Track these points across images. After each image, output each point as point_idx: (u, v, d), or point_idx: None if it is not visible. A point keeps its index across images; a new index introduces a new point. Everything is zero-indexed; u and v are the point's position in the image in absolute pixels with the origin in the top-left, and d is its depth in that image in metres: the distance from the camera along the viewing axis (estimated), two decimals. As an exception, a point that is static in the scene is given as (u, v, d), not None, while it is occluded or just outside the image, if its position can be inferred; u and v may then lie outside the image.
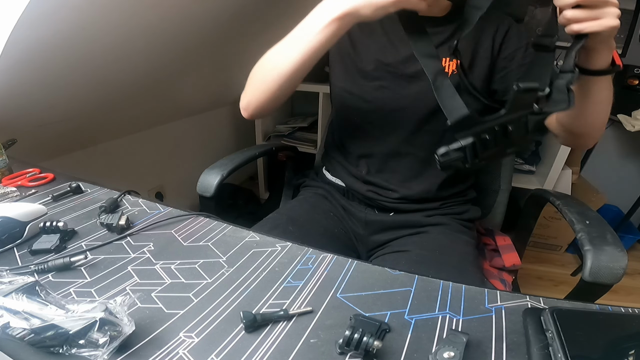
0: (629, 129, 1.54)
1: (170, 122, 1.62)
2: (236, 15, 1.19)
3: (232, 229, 0.57)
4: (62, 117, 1.02)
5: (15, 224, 0.50)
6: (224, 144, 2.05)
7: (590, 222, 0.57)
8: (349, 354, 0.35)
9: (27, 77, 0.80)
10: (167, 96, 1.40)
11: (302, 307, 0.41)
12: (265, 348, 0.36)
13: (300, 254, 0.51)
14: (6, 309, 0.33)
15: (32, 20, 0.66)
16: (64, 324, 0.32)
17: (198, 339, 0.37)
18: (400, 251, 0.71)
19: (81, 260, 0.46)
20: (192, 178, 0.77)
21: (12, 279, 0.37)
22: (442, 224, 0.75)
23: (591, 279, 0.50)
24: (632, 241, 1.82)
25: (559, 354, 0.33)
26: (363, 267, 0.49)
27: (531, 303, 0.43)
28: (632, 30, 1.70)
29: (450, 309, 0.42)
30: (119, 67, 1.00)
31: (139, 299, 0.41)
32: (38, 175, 0.69)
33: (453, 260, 0.66)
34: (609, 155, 1.94)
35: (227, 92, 1.85)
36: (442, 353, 0.33)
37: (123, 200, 0.64)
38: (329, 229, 0.76)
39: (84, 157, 1.26)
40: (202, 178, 0.75)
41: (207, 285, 0.44)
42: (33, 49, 0.74)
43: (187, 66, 1.29)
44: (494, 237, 0.85)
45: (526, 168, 1.69)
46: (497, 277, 0.76)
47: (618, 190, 1.91)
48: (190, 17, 1.01)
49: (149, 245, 0.51)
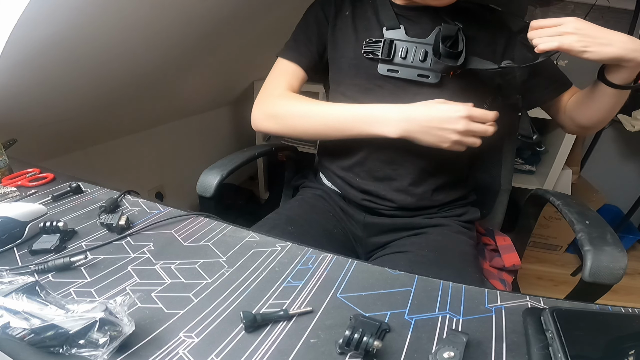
0: (629, 129, 1.54)
1: (170, 122, 1.62)
2: (236, 16, 1.19)
3: (232, 229, 0.57)
4: (62, 117, 1.02)
5: (15, 224, 0.50)
6: (224, 144, 2.05)
7: (590, 222, 0.57)
8: (349, 354, 0.35)
9: (27, 77, 0.80)
10: (167, 96, 1.40)
11: (302, 307, 0.41)
12: (265, 348, 0.36)
13: (300, 254, 0.51)
14: (6, 309, 0.33)
15: (32, 20, 0.66)
16: (64, 324, 0.32)
17: (198, 339, 0.37)
18: (400, 252, 0.70)
19: (81, 260, 0.46)
20: (192, 178, 0.77)
21: (12, 279, 0.37)
22: (442, 225, 0.75)
23: (591, 280, 0.50)
24: (632, 241, 1.82)
25: (559, 354, 0.33)
26: (363, 267, 0.49)
27: (531, 303, 0.43)
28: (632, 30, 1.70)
29: (450, 309, 0.42)
30: (119, 67, 1.00)
31: (139, 299, 0.41)
32: (38, 175, 0.69)
33: (453, 260, 0.66)
34: (609, 155, 1.94)
35: (227, 92, 1.85)
36: (442, 353, 0.33)
37: (123, 200, 0.64)
38: (328, 230, 0.76)
39: (84, 157, 1.26)
40: (201, 178, 0.75)
41: (207, 285, 0.44)
42: (33, 49, 0.74)
43: (187, 66, 1.29)
44: (494, 237, 0.85)
45: (526, 168, 1.70)
46: (497, 277, 0.76)
47: (618, 190, 1.91)
48: (190, 17, 1.01)
49: (149, 245, 0.51)
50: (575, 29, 0.56)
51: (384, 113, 0.66)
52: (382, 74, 0.71)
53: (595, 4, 1.69)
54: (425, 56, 0.69)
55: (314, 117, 0.71)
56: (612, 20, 1.70)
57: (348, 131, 0.68)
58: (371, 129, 0.66)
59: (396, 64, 0.70)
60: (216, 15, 1.10)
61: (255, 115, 0.78)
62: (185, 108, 1.63)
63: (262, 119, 0.77)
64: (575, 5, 1.73)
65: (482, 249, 0.84)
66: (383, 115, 0.65)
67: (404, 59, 0.70)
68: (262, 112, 0.77)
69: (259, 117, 0.77)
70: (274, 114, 0.75)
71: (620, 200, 1.90)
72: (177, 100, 1.49)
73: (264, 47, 1.52)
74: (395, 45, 0.70)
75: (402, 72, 0.70)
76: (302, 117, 0.72)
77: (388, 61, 0.70)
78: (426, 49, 0.68)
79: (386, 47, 0.70)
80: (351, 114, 0.68)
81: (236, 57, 1.50)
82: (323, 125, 0.70)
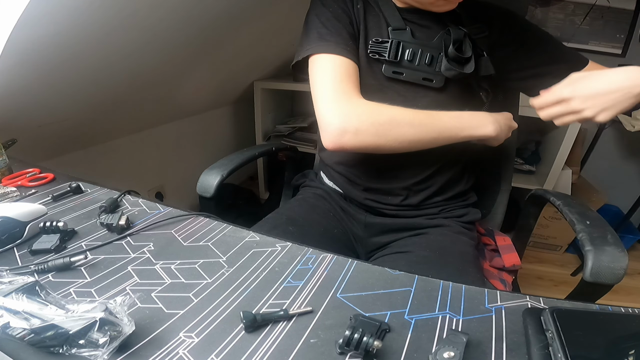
0: (629, 129, 1.54)
1: (170, 122, 1.62)
2: (236, 16, 1.19)
3: (232, 229, 0.57)
4: (62, 117, 1.02)
5: (15, 224, 0.50)
6: (224, 144, 2.06)
7: (591, 223, 0.57)
8: (349, 354, 0.35)
9: (27, 77, 0.80)
10: (168, 96, 1.40)
11: (302, 307, 0.41)
12: (265, 348, 0.36)
13: (300, 254, 0.51)
14: (6, 309, 0.33)
15: (32, 20, 0.66)
16: (64, 324, 0.32)
17: (198, 339, 0.37)
18: (401, 252, 0.70)
19: (81, 260, 0.46)
20: (192, 178, 0.77)
21: (12, 279, 0.37)
22: (443, 225, 0.75)
23: (592, 279, 0.50)
24: (632, 241, 1.82)
25: (559, 354, 0.33)
26: (363, 267, 0.49)
27: (531, 303, 0.43)
28: (632, 30, 1.70)
29: (450, 309, 0.42)
30: (119, 67, 1.00)
31: (139, 299, 0.41)
32: (38, 175, 0.69)
33: (454, 260, 0.66)
34: (609, 155, 1.94)
35: (227, 92, 1.85)
36: (442, 353, 0.33)
37: (123, 200, 0.64)
38: (328, 230, 0.76)
39: (84, 157, 1.26)
40: (201, 179, 0.75)
41: (207, 285, 0.44)
42: (33, 49, 0.74)
43: (187, 66, 1.29)
44: (494, 237, 0.85)
45: (526, 168, 1.70)
46: (497, 277, 0.76)
47: (618, 190, 1.91)
48: (191, 17, 1.01)
49: (149, 245, 0.51)
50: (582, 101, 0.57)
51: (481, 116, 0.69)
52: (387, 76, 0.69)
53: (595, 4, 1.69)
54: (431, 60, 0.68)
55: (427, 125, 0.64)
56: (612, 20, 1.70)
57: (457, 135, 0.67)
58: (478, 131, 0.68)
59: (402, 66, 0.69)
60: (216, 15, 1.10)
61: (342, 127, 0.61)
62: (185, 108, 1.63)
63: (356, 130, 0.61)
64: (575, 5, 1.73)
65: (482, 249, 0.84)
66: (482, 119, 0.69)
67: (411, 62, 0.68)
68: (353, 123, 0.61)
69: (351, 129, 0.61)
70: (375, 122, 0.62)
71: (620, 200, 1.90)
72: (177, 100, 1.49)
73: (264, 47, 1.52)
74: (402, 47, 0.68)
75: (407, 75, 0.69)
76: (414, 126, 0.64)
77: (395, 63, 0.69)
78: (432, 53, 0.68)
79: (394, 48, 0.67)
80: (458, 119, 0.67)
81: (236, 57, 1.50)
82: (436, 132, 0.65)
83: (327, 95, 0.63)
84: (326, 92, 0.63)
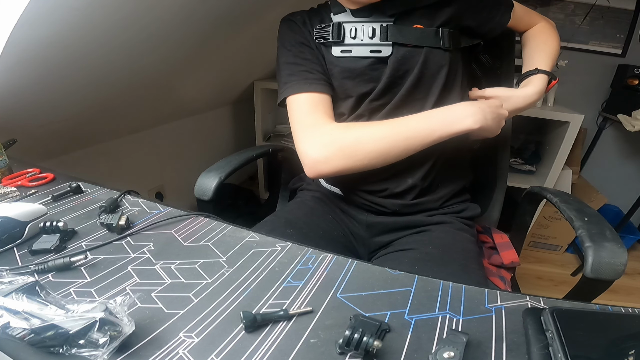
0: (629, 129, 1.54)
1: (170, 122, 1.62)
2: (236, 15, 1.19)
3: (232, 229, 0.57)
4: (62, 117, 1.02)
5: (15, 224, 0.50)
6: (224, 144, 2.06)
7: (589, 219, 0.58)
8: (349, 354, 0.35)
9: (27, 77, 0.80)
10: (167, 96, 1.40)
11: (302, 307, 0.41)
12: (265, 348, 0.36)
13: (300, 254, 0.51)
14: (6, 309, 0.33)
15: (32, 20, 0.66)
16: (64, 324, 0.32)
17: (198, 339, 0.37)
18: (404, 250, 0.70)
19: (81, 260, 0.46)
20: (192, 178, 0.77)
21: (12, 279, 0.37)
22: (444, 222, 0.75)
23: (593, 275, 0.50)
24: (632, 241, 1.83)
25: (559, 354, 0.33)
26: (363, 267, 0.49)
27: (531, 303, 0.43)
28: (632, 30, 1.70)
29: (450, 309, 0.42)
30: (119, 67, 1.00)
31: (139, 299, 0.41)
32: (38, 175, 0.69)
33: (457, 257, 0.66)
34: (609, 155, 1.94)
35: (227, 92, 1.86)
36: (442, 353, 0.33)
37: (123, 200, 0.64)
38: (327, 232, 0.76)
39: (84, 157, 1.26)
40: (199, 181, 0.73)
41: (207, 285, 0.44)
42: (33, 49, 0.74)
43: (187, 66, 1.29)
44: (492, 234, 0.85)
45: (526, 168, 1.70)
46: (496, 274, 0.76)
47: (618, 190, 1.92)
48: (190, 17, 1.01)
49: (149, 245, 0.51)
50: None
51: (458, 110, 0.65)
52: (336, 56, 0.71)
53: (595, 4, 1.69)
54: (373, 33, 0.69)
55: (392, 136, 0.64)
56: (612, 20, 1.71)
57: (430, 137, 0.64)
58: (453, 127, 0.63)
59: (347, 44, 0.71)
60: (216, 15, 1.10)
61: (314, 158, 0.65)
62: (185, 108, 1.63)
63: (326, 158, 0.64)
64: (575, 5, 1.73)
65: (481, 247, 0.84)
66: (459, 112, 0.64)
67: (354, 38, 0.70)
68: (322, 152, 0.64)
69: (321, 159, 0.64)
70: (342, 147, 0.64)
71: (620, 200, 1.90)
72: (177, 100, 1.49)
73: (264, 47, 1.52)
74: (343, 27, 0.70)
75: (355, 51, 0.70)
76: (379, 140, 0.64)
77: (339, 43, 0.71)
78: (373, 26, 0.69)
79: (335, 28, 0.70)
80: (427, 120, 0.65)
81: (236, 57, 1.50)
82: (405, 140, 0.63)
83: (299, 130, 0.69)
84: (299, 128, 0.69)
